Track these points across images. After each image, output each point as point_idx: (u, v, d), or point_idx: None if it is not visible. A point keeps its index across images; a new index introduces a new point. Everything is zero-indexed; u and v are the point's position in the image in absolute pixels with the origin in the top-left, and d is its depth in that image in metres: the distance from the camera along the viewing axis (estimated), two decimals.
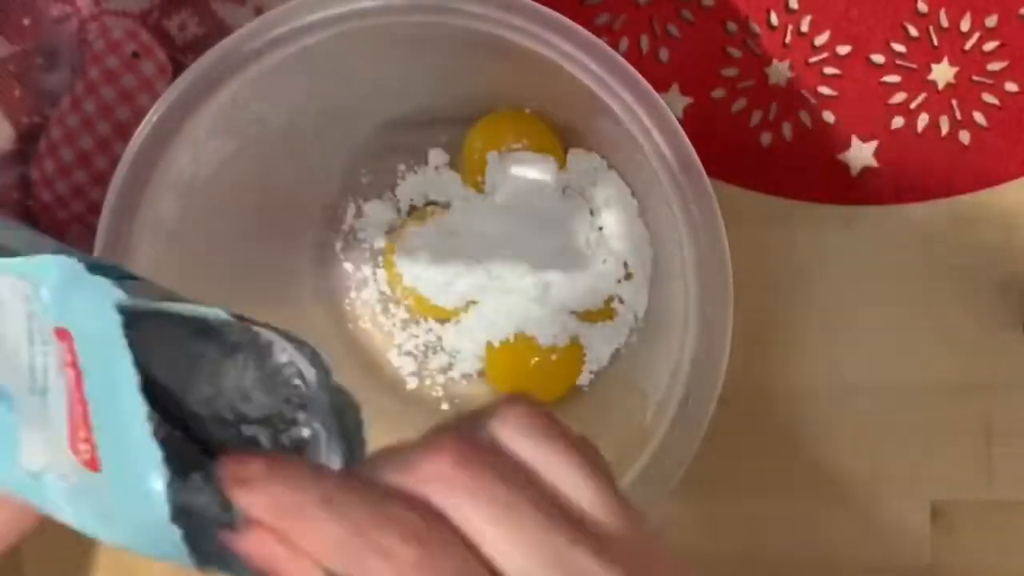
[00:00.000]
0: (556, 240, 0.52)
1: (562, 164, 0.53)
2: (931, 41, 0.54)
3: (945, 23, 0.54)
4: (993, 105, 0.54)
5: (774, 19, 0.54)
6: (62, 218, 0.55)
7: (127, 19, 0.56)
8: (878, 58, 0.54)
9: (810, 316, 0.54)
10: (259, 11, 0.56)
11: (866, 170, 0.54)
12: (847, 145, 0.54)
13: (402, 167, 0.55)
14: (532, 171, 0.52)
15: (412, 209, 0.55)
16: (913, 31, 0.54)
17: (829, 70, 0.54)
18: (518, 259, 0.52)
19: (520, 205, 0.52)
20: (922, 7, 0.54)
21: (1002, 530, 0.54)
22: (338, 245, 0.56)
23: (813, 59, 0.54)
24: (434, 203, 0.55)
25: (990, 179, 0.54)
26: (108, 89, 0.54)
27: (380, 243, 0.55)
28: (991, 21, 0.54)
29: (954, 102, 0.54)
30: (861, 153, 0.54)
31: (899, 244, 0.54)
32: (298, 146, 0.52)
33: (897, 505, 0.54)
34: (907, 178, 0.54)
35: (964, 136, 0.54)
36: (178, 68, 0.55)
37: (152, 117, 0.45)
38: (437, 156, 0.55)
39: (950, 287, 0.54)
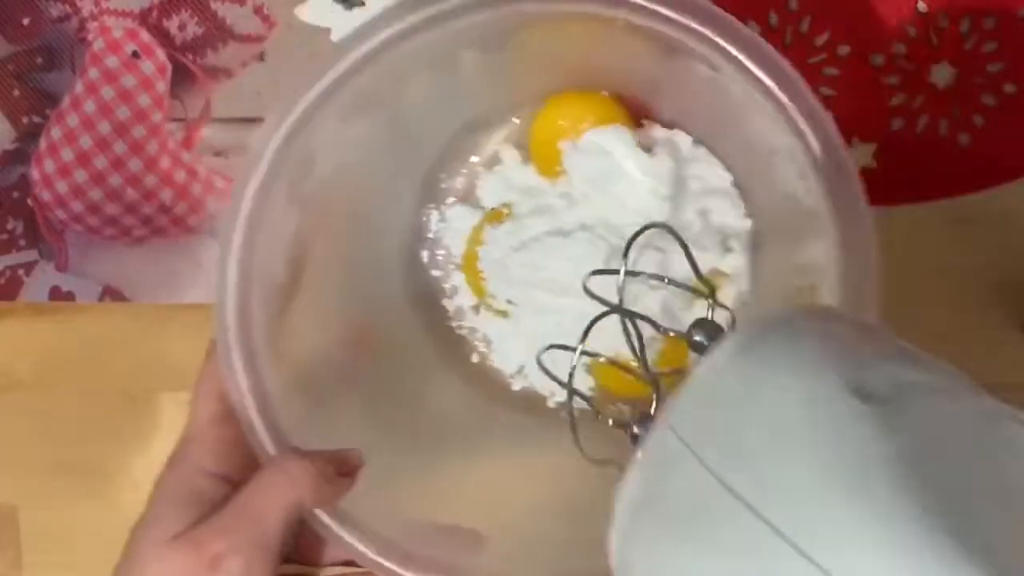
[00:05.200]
0: (641, 220, 0.46)
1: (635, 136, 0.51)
2: (931, 42, 0.54)
3: (944, 24, 0.54)
4: (992, 106, 0.54)
5: (774, 19, 0.54)
6: (62, 218, 0.55)
7: (127, 19, 0.56)
8: (878, 58, 0.54)
9: None
10: (259, 11, 0.56)
11: (866, 170, 0.54)
12: (847, 145, 0.54)
13: (480, 168, 0.53)
14: (608, 152, 0.50)
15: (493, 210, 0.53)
16: (913, 32, 0.54)
17: (829, 70, 0.54)
18: (603, 247, 0.50)
19: (597, 190, 0.50)
20: (922, 8, 0.54)
21: None
22: (424, 255, 0.54)
23: (813, 59, 0.54)
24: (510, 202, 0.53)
25: (989, 180, 0.54)
26: (108, 88, 0.54)
27: (462, 248, 0.53)
28: (990, 23, 0.54)
29: (953, 103, 0.54)
30: (861, 153, 0.54)
31: (898, 244, 0.54)
32: (381, 157, 0.51)
33: None
34: (906, 179, 0.54)
35: (963, 137, 0.54)
36: (177, 68, 0.55)
37: (278, 126, 0.44)
38: (511, 152, 0.53)
39: (950, 287, 0.54)
